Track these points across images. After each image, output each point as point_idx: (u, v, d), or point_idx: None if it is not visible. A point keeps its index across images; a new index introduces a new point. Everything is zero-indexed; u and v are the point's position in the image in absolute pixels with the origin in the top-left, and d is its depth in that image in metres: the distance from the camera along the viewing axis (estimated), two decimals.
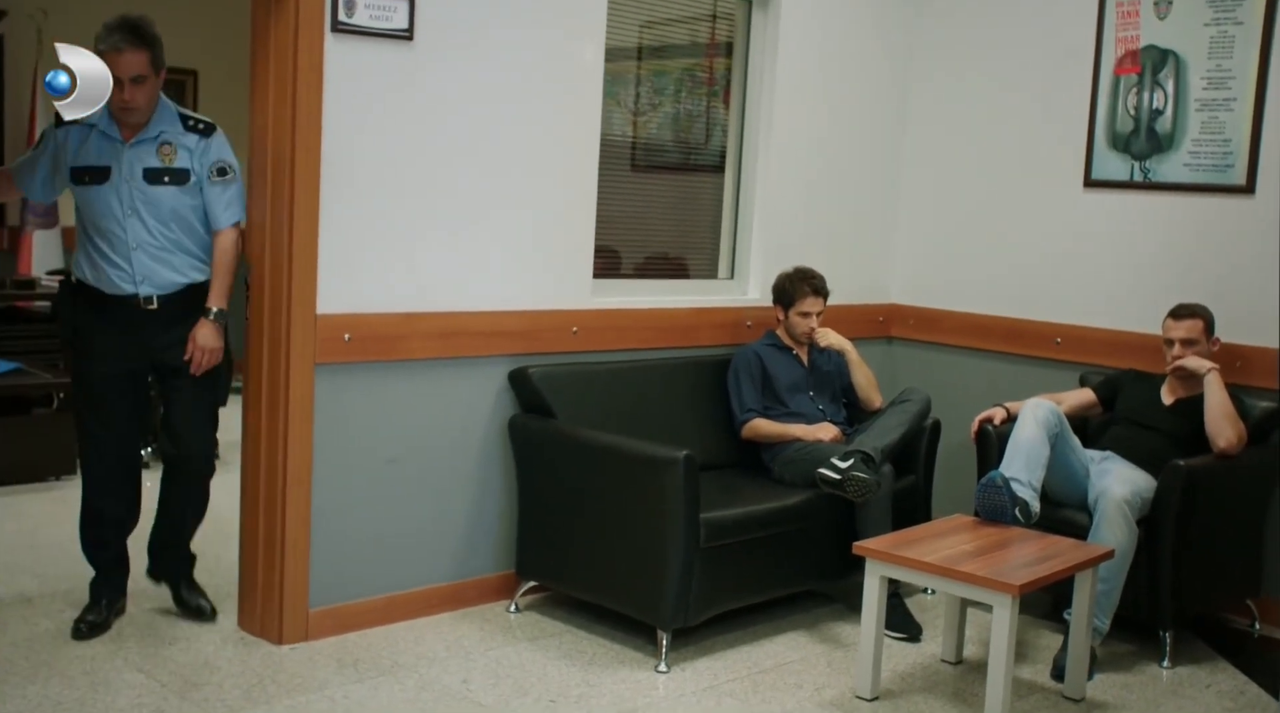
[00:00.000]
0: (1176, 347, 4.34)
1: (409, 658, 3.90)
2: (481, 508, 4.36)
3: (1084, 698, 3.86)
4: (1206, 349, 4.35)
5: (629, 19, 4.81)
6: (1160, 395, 4.48)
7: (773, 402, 4.66)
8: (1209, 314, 4.38)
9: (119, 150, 3.72)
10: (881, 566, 3.70)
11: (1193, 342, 4.32)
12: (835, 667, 4.05)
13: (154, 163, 3.74)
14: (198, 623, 4.01)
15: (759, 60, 5.09)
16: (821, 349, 4.74)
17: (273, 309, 3.85)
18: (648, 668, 3.94)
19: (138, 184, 3.72)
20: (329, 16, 3.76)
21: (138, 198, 3.72)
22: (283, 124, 3.77)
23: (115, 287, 3.75)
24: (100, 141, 3.72)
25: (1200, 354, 4.32)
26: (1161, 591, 4.12)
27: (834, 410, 4.75)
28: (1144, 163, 4.85)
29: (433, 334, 4.12)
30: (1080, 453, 4.32)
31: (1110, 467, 4.28)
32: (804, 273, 4.72)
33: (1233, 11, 4.61)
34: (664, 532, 3.89)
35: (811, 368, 4.75)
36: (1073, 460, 4.27)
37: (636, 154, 5.04)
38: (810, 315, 4.67)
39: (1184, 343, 4.33)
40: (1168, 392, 4.47)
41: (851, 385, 4.79)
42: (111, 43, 3.56)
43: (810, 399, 4.71)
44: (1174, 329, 4.36)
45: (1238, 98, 4.61)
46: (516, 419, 4.32)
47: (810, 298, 4.67)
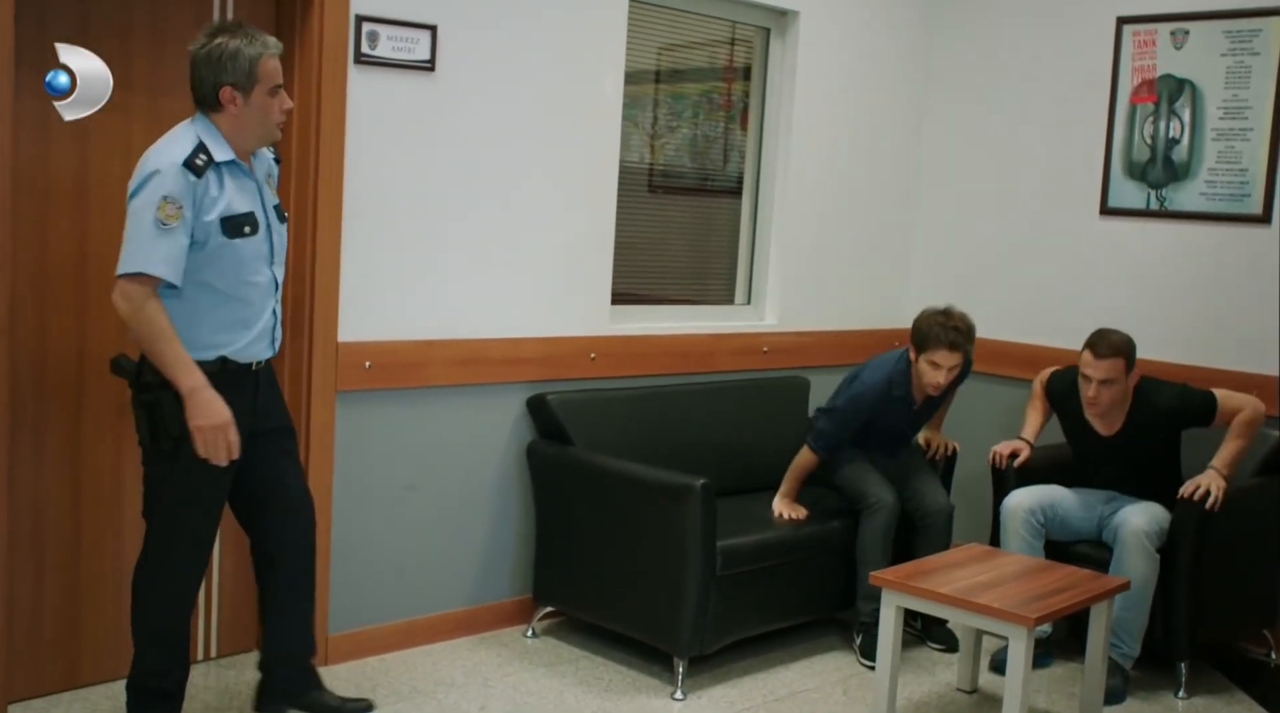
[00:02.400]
0: (1093, 387, 4.18)
1: (427, 684, 3.93)
2: (499, 534, 4.39)
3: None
4: (1124, 387, 4.21)
5: (648, 43, 4.85)
6: (1092, 426, 4.36)
7: (863, 438, 4.51)
8: (1130, 349, 4.22)
9: (254, 187, 3.20)
10: (897, 596, 3.71)
11: (1111, 382, 4.17)
12: (851, 695, 4.07)
13: (271, 197, 3.27)
14: None
15: (777, 86, 5.13)
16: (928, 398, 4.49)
17: (294, 337, 3.88)
18: (664, 695, 3.96)
19: (275, 225, 3.24)
20: (352, 48, 3.81)
21: (277, 241, 3.25)
22: (306, 154, 3.82)
23: (254, 355, 3.22)
24: (237, 178, 3.14)
25: (1118, 393, 4.20)
26: (1177, 621, 4.13)
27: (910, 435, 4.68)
28: (1160, 191, 4.87)
29: (452, 361, 4.15)
30: (1074, 499, 4.34)
31: (1122, 504, 4.28)
32: (948, 321, 4.27)
33: (1249, 42, 4.62)
34: (681, 559, 3.92)
35: (916, 416, 4.58)
36: (1072, 514, 4.31)
37: (654, 178, 5.07)
38: (940, 369, 4.27)
39: (1101, 383, 4.18)
40: (1098, 423, 4.36)
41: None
42: (271, 46, 3.14)
43: (900, 438, 4.62)
44: (1094, 367, 4.18)
45: (1254, 128, 4.62)
46: (535, 445, 4.35)
47: (944, 351, 4.25)
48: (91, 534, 3.68)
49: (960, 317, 4.29)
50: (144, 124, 3.63)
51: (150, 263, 2.96)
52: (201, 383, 3.03)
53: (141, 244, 2.96)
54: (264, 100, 3.11)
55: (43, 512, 3.59)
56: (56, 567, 3.63)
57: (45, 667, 3.64)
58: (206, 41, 3.08)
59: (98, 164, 3.58)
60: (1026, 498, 4.26)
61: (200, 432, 3.04)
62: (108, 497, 3.70)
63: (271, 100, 3.12)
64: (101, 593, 3.72)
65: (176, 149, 3.02)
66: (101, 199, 3.59)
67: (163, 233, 2.95)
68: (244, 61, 3.06)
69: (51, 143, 3.49)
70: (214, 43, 3.06)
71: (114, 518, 3.72)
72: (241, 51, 3.05)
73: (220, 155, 3.07)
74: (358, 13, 3.81)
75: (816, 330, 5.26)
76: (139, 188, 3.00)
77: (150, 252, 2.96)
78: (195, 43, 3.11)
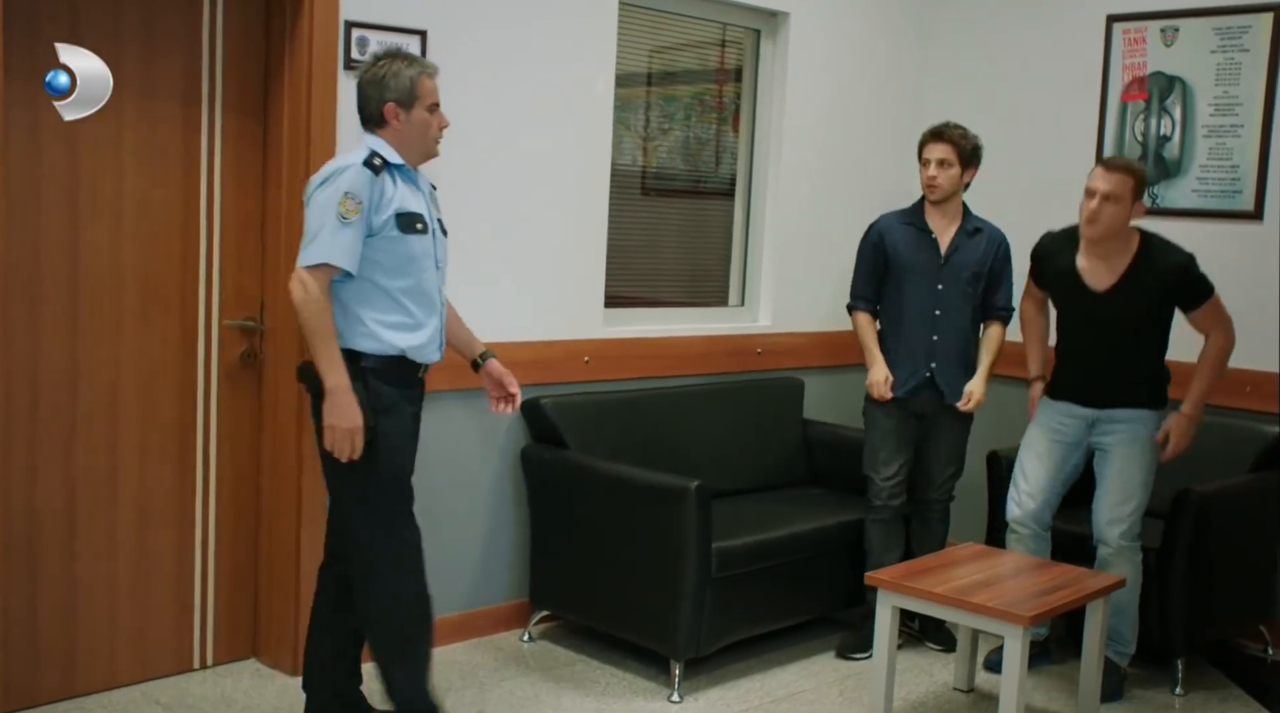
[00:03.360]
0: (1096, 200, 3.90)
1: None
2: (494, 538, 4.39)
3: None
4: (1126, 214, 3.93)
5: (639, 45, 4.85)
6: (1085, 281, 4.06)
7: (891, 287, 4.39)
8: (1142, 174, 4.00)
9: (423, 195, 3.37)
10: (893, 596, 3.71)
11: (1116, 199, 3.88)
12: (848, 696, 4.06)
13: (436, 211, 3.44)
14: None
15: (768, 87, 5.13)
16: (971, 234, 4.36)
17: (287, 344, 3.87)
18: (660, 698, 3.96)
19: (438, 235, 3.41)
20: (342, 54, 3.81)
21: (440, 250, 3.42)
22: (297, 159, 3.81)
23: (425, 356, 3.37)
24: (408, 182, 3.33)
25: (1119, 215, 3.91)
26: (1173, 619, 4.13)
27: (959, 309, 4.35)
28: (1152, 189, 4.87)
29: (444, 366, 4.09)
30: (1049, 471, 4.15)
31: (1102, 491, 4.10)
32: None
33: (1239, 39, 4.63)
34: (677, 562, 3.91)
35: (949, 255, 4.35)
36: (1053, 488, 4.18)
37: (647, 180, 5.07)
38: (930, 163, 4.30)
39: (1106, 198, 3.89)
40: (1090, 267, 4.05)
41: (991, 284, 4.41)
42: (429, 67, 3.34)
43: (938, 293, 4.35)
44: (1099, 180, 3.92)
45: (1245, 124, 4.63)
46: (529, 449, 4.34)
47: (930, 143, 4.33)
48: (86, 543, 3.67)
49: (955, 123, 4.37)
50: (135, 129, 3.64)
51: (332, 254, 3.15)
52: (345, 385, 3.18)
53: (324, 237, 3.15)
54: (424, 116, 3.31)
55: (36, 520, 3.58)
56: (51, 576, 3.62)
57: (40, 677, 3.63)
58: (371, 65, 3.31)
59: (88, 169, 3.57)
60: (1024, 515, 4.16)
61: (332, 431, 3.18)
62: (102, 504, 3.69)
63: (430, 117, 3.33)
64: (96, 602, 3.71)
65: (354, 154, 3.25)
66: (93, 204, 3.59)
67: (344, 226, 3.15)
68: (405, 80, 3.27)
69: (42, 147, 3.48)
70: (378, 65, 3.30)
71: (108, 526, 3.71)
72: (403, 72, 3.27)
73: (393, 159, 3.28)
74: (347, 18, 3.81)
75: (810, 331, 5.25)
76: (320, 185, 3.21)
77: (333, 244, 3.15)
78: (361, 69, 3.35)
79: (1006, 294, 4.47)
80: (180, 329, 3.80)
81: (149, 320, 3.74)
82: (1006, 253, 4.45)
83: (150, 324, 3.74)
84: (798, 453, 4.96)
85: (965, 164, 4.36)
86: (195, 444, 3.86)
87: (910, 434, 4.42)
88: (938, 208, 4.39)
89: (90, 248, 3.59)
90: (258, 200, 3.92)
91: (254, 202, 3.91)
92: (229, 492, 3.96)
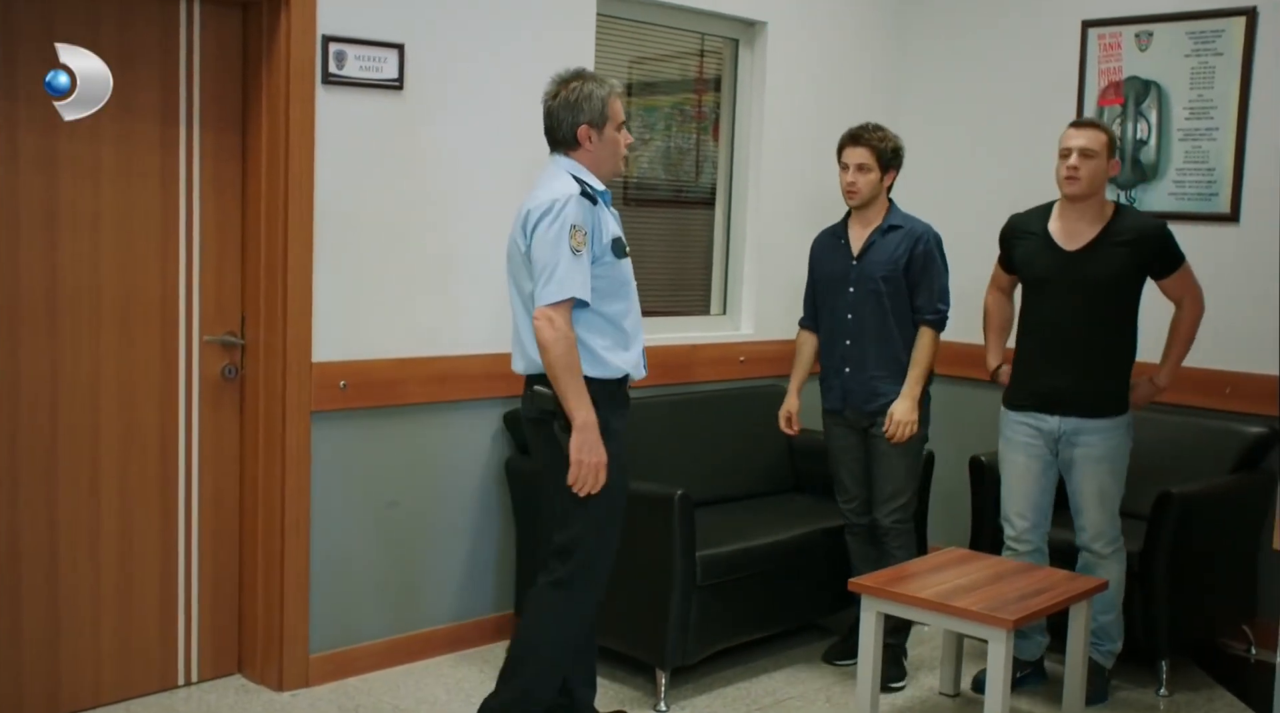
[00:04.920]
0: (1074, 156, 3.91)
1: (409, 702, 3.92)
2: (480, 549, 4.39)
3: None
4: (1104, 171, 3.94)
5: (618, 56, 4.86)
6: (1056, 241, 4.01)
7: (820, 300, 4.35)
8: (1112, 132, 4.02)
9: (617, 216, 3.46)
10: (877, 602, 3.72)
11: (1092, 154, 3.90)
12: (834, 702, 4.07)
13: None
14: None
15: (747, 96, 5.15)
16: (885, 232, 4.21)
17: (267, 359, 3.88)
18: (647, 707, 3.96)
19: None
20: (320, 68, 3.82)
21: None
22: (276, 174, 3.82)
23: (640, 371, 3.46)
24: (610, 207, 3.41)
25: (1098, 170, 3.91)
26: (1158, 620, 4.15)
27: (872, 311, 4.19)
28: (1129, 192, 4.90)
29: (428, 379, 4.15)
30: (1032, 488, 4.11)
31: (1078, 505, 4.07)
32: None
33: (1212, 43, 4.67)
34: (661, 570, 3.92)
35: (860, 256, 4.22)
36: (1041, 502, 4.14)
37: (628, 190, 5.08)
38: (847, 167, 4.22)
39: (1083, 154, 3.90)
40: (1063, 229, 4.01)
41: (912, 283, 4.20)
42: (615, 87, 3.38)
43: (849, 297, 4.22)
44: (1073, 137, 3.94)
45: (1220, 127, 4.67)
46: (513, 461, 4.35)
47: (846, 148, 4.24)
48: (68, 559, 3.66)
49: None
50: (114, 147, 3.64)
51: (574, 287, 3.20)
52: (594, 421, 3.23)
53: (561, 271, 3.19)
54: (614, 135, 3.37)
55: (18, 537, 3.57)
56: (33, 593, 3.61)
57: (24, 695, 3.62)
58: (559, 89, 3.34)
59: (67, 185, 3.57)
60: (1018, 533, 4.12)
61: (580, 466, 3.23)
62: (83, 520, 3.69)
63: (618, 135, 3.38)
64: (79, 620, 3.70)
65: (563, 184, 3.27)
66: (72, 224, 3.59)
67: (576, 258, 3.20)
68: (597, 101, 3.32)
69: (20, 165, 3.48)
70: (568, 88, 3.33)
71: (91, 545, 3.70)
72: (594, 93, 3.32)
73: (597, 186, 3.33)
74: (325, 33, 3.82)
75: (792, 339, 5.24)
76: (544, 220, 3.22)
77: (572, 277, 3.19)
78: (548, 93, 3.36)
79: (934, 294, 4.20)
80: (161, 345, 3.80)
81: (129, 337, 3.74)
82: (931, 249, 4.19)
83: (131, 341, 3.74)
84: (781, 461, 4.97)
85: (885, 167, 4.22)
86: (177, 459, 3.86)
87: (859, 451, 4.29)
88: (859, 213, 4.28)
89: (70, 265, 3.59)
90: (237, 216, 3.92)
91: (233, 217, 3.92)
92: (211, 507, 3.96)
